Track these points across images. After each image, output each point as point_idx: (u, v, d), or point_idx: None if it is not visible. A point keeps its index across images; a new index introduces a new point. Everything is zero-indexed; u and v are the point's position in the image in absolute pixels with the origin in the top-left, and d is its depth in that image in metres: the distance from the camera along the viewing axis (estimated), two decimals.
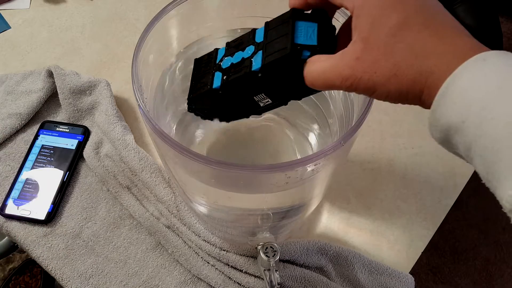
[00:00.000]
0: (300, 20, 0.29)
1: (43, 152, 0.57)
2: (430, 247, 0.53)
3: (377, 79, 0.24)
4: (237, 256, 0.49)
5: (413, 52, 0.23)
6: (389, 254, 0.52)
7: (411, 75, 0.23)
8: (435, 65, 0.22)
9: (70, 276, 0.50)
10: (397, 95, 0.24)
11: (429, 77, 0.22)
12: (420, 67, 0.23)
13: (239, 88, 0.31)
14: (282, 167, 0.30)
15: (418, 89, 0.23)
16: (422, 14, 0.23)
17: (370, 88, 0.24)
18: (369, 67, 0.24)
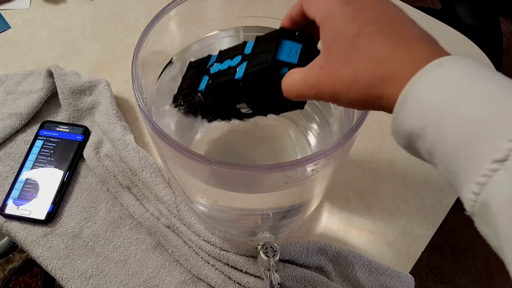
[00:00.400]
0: (287, 39, 0.30)
1: (43, 152, 0.57)
2: (430, 247, 0.53)
3: (339, 87, 0.25)
4: (237, 256, 0.49)
5: (370, 59, 0.24)
6: (389, 254, 0.52)
7: (369, 81, 0.23)
8: (392, 71, 0.23)
9: (70, 276, 0.50)
10: (359, 101, 0.24)
11: (387, 83, 0.23)
12: (377, 73, 0.23)
13: (221, 94, 0.33)
14: (282, 167, 0.30)
15: (377, 95, 0.23)
16: (379, 23, 0.24)
17: (333, 95, 0.25)
18: (331, 75, 0.25)
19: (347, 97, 0.25)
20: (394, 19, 0.24)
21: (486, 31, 0.99)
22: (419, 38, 0.23)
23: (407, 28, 0.24)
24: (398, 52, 0.23)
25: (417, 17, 0.25)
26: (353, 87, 0.24)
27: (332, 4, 0.26)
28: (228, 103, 0.33)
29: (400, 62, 0.23)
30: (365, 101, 0.24)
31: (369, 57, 0.24)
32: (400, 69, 0.23)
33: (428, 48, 0.23)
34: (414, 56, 0.23)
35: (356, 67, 0.24)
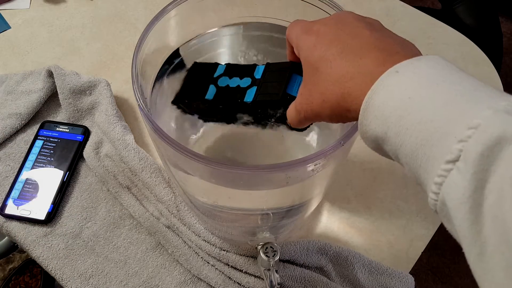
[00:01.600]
0: (296, 74, 0.33)
1: (43, 152, 0.57)
2: (430, 247, 0.53)
3: (315, 108, 0.27)
4: (237, 256, 0.49)
5: (332, 80, 0.26)
6: (389, 254, 0.52)
7: (335, 99, 0.26)
8: (351, 86, 0.25)
9: (70, 276, 0.50)
10: (333, 116, 0.27)
11: (349, 98, 0.25)
12: (339, 91, 0.25)
13: (227, 107, 0.35)
14: (282, 167, 0.30)
15: (345, 109, 0.25)
16: (336, 45, 0.26)
17: (315, 116, 0.28)
18: (308, 99, 0.28)
19: (324, 115, 0.27)
20: (350, 37, 0.26)
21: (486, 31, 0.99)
22: (373, 50, 0.25)
23: (361, 41, 0.26)
24: (354, 68, 0.25)
25: (417, 17, 0.25)
26: (325, 105, 0.26)
27: (298, 38, 0.29)
28: (232, 112, 0.35)
29: (356, 77, 0.25)
30: (338, 116, 0.26)
31: (331, 78, 0.26)
32: (358, 83, 0.24)
33: (382, 58, 0.24)
34: (367, 69, 0.24)
35: (322, 89, 0.26)
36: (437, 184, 0.20)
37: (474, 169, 0.18)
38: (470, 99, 0.20)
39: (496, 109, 0.19)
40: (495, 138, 0.18)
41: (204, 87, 0.36)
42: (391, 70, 0.23)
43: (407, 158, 0.22)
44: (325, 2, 0.38)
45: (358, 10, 0.82)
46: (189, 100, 0.37)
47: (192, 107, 0.37)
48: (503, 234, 0.17)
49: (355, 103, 0.24)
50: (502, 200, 0.17)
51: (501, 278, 0.17)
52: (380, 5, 0.74)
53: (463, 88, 0.21)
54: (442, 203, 0.20)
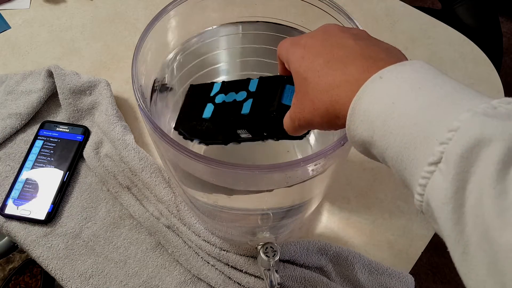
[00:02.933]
0: (289, 84, 0.34)
1: (43, 152, 0.57)
2: (430, 247, 0.53)
3: (306, 116, 0.28)
4: (237, 256, 0.49)
5: (320, 89, 0.26)
6: (389, 254, 0.52)
7: (324, 107, 0.26)
8: (338, 94, 0.25)
9: (70, 276, 0.50)
10: (324, 124, 0.27)
11: (337, 105, 0.25)
12: (328, 99, 0.26)
13: (225, 122, 0.36)
14: (282, 167, 0.30)
15: (334, 116, 0.26)
16: (322, 56, 0.27)
17: (308, 123, 0.28)
18: (300, 108, 0.29)
19: (316, 122, 0.28)
20: (336, 47, 0.27)
21: (486, 31, 0.99)
22: (358, 58, 0.26)
23: (346, 51, 0.27)
24: (339, 77, 0.26)
25: (417, 17, 0.25)
26: (316, 113, 0.27)
27: (288, 51, 0.30)
28: (230, 129, 0.36)
29: (342, 84, 0.25)
30: (328, 123, 0.27)
31: (319, 87, 0.26)
32: (344, 90, 0.25)
33: (366, 65, 0.25)
34: (351, 77, 0.25)
35: (312, 98, 0.27)
36: (421, 185, 0.20)
37: (455, 170, 0.18)
38: (451, 101, 0.21)
39: (475, 111, 0.19)
40: (473, 140, 0.18)
41: (201, 107, 0.37)
42: (375, 76, 0.24)
43: (392, 161, 0.22)
44: (325, 2, 0.38)
45: (358, 10, 0.82)
46: (188, 121, 0.38)
47: (192, 130, 0.38)
48: (483, 233, 0.17)
49: (343, 109, 0.25)
50: (482, 200, 0.17)
51: (484, 275, 0.17)
52: (380, 5, 0.74)
53: (444, 91, 0.21)
54: (427, 204, 0.20)
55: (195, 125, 0.37)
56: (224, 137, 0.38)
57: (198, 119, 0.37)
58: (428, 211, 0.21)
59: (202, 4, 0.42)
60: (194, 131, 0.38)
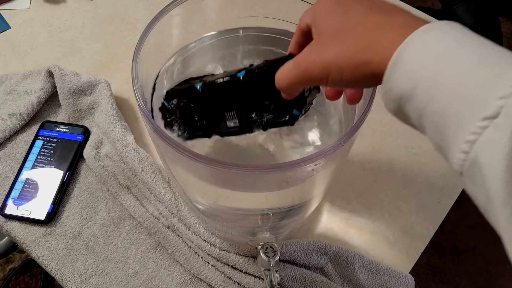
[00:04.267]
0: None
1: (43, 152, 0.57)
2: (430, 247, 0.53)
3: (330, 57, 0.25)
4: (237, 256, 0.49)
5: (359, 28, 0.25)
6: (389, 254, 0.52)
7: (359, 46, 0.24)
8: (381, 35, 0.23)
9: (70, 276, 0.50)
10: (349, 69, 0.24)
11: (376, 46, 0.23)
12: (366, 38, 0.24)
13: (218, 93, 0.34)
14: (282, 167, 0.30)
15: (366, 60, 0.24)
16: (363, 4, 0.26)
17: (324, 68, 0.25)
18: (320, 48, 0.26)
19: (338, 66, 0.25)
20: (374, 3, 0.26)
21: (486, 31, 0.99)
22: (404, 12, 0.25)
23: (390, 6, 0.25)
24: (387, 20, 0.24)
25: None
26: (343, 54, 0.25)
27: (314, 7, 0.29)
28: (219, 109, 0.35)
29: (389, 27, 0.24)
30: (355, 68, 0.24)
31: (358, 26, 0.25)
32: (390, 32, 0.23)
33: (415, 18, 0.24)
34: (403, 22, 0.23)
35: (345, 36, 0.25)
36: (469, 142, 0.19)
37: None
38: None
39: None
40: None
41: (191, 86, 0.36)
42: (427, 26, 0.22)
43: (434, 117, 0.21)
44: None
45: None
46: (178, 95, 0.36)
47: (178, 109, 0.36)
48: None
49: (382, 53, 0.23)
50: None
51: None
52: None
53: (502, 50, 0.20)
54: (472, 163, 0.19)
55: (184, 99, 0.36)
56: (210, 126, 0.36)
57: (189, 90, 0.35)
58: (470, 171, 0.19)
59: (202, 4, 0.42)
60: (180, 113, 0.36)
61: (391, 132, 0.61)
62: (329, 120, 0.44)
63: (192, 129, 0.36)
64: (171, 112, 0.37)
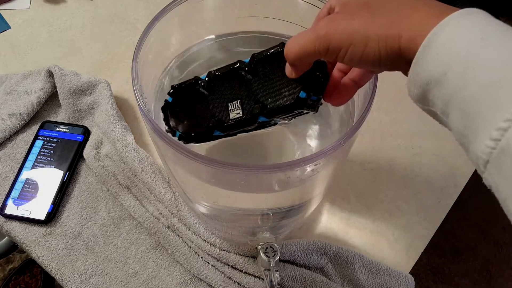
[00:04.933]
0: None
1: (43, 152, 0.57)
2: (430, 247, 0.53)
3: (356, 26, 0.24)
4: (237, 256, 0.49)
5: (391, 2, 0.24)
6: (389, 254, 0.52)
7: (389, 17, 0.23)
8: (414, 10, 0.23)
9: (70, 276, 0.50)
10: (376, 41, 0.23)
11: (407, 20, 0.22)
12: (398, 11, 0.23)
13: (223, 82, 0.33)
14: (282, 167, 0.30)
15: (396, 34, 0.23)
16: None
17: (347, 37, 0.24)
18: (346, 17, 0.24)
19: (362, 36, 0.23)
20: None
21: None
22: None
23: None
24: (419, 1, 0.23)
25: None
26: (372, 24, 0.23)
27: None
28: (224, 98, 0.34)
29: (421, 6, 0.23)
30: (382, 41, 0.23)
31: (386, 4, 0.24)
32: (422, 11, 0.22)
33: (447, 6, 0.23)
34: (435, 4, 0.23)
35: (375, 8, 0.24)
36: (501, 129, 0.18)
37: None
38: None
39: None
40: None
41: (195, 79, 0.35)
42: (462, 11, 0.21)
43: (463, 103, 0.20)
44: (325, 2, 0.38)
45: None
46: (181, 89, 0.36)
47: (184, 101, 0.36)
48: None
49: (410, 30, 0.22)
50: None
51: None
52: None
53: None
54: (502, 152, 0.18)
55: (188, 94, 0.35)
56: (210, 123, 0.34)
57: (194, 83, 0.35)
58: (500, 160, 0.19)
59: (202, 4, 0.42)
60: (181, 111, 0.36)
61: (391, 132, 0.61)
62: (329, 120, 0.44)
63: (194, 127, 0.35)
64: (173, 111, 0.36)
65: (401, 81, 0.30)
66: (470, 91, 0.20)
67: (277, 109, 0.31)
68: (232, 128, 0.34)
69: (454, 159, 0.59)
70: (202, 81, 0.35)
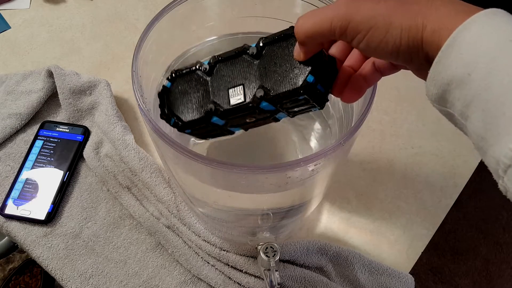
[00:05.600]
0: None
1: (43, 152, 0.57)
2: (430, 247, 0.53)
3: (380, 9, 0.23)
4: (237, 256, 0.49)
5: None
6: (389, 254, 0.52)
7: (416, 7, 0.22)
8: (442, 5, 0.22)
9: (70, 276, 0.50)
10: (399, 28, 0.22)
11: (437, 13, 0.22)
12: (426, 2, 0.22)
13: (227, 65, 0.31)
14: (282, 167, 0.30)
15: (423, 23, 0.22)
16: None
17: (369, 18, 0.23)
18: (358, 3, 0.23)
19: (386, 21, 0.22)
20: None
21: None
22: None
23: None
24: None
25: None
26: (398, 10, 0.22)
27: None
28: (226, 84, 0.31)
29: (453, 2, 0.22)
30: (405, 29, 0.22)
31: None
32: (450, 6, 0.22)
33: (473, 6, 0.22)
34: (465, 4, 0.22)
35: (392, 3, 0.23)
36: None
37: None
38: None
39: None
40: None
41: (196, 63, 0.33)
42: (488, 10, 0.21)
43: (487, 106, 0.20)
44: (325, 3, 0.38)
45: None
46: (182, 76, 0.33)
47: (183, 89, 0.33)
48: None
49: (436, 22, 0.21)
50: None
51: None
52: None
53: None
54: None
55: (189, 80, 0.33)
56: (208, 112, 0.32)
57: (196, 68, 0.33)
58: None
59: (202, 3, 0.42)
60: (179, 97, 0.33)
61: (391, 132, 0.61)
62: (329, 120, 0.44)
63: (191, 114, 0.33)
64: (171, 97, 0.34)
65: (401, 81, 0.30)
66: (495, 93, 0.19)
67: (282, 94, 0.29)
68: (232, 114, 0.31)
69: (454, 159, 0.59)
70: (204, 66, 0.33)
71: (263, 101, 0.29)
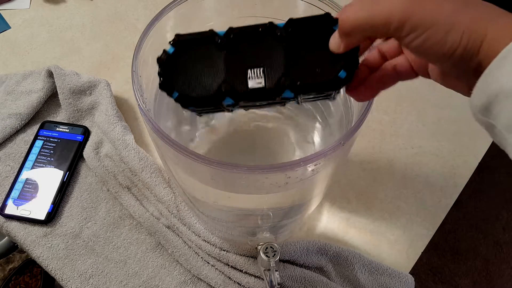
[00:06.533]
0: None
1: (43, 152, 0.57)
2: (430, 247, 0.53)
3: (444, 9, 0.22)
4: (237, 256, 0.49)
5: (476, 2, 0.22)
6: (389, 254, 0.52)
7: (476, 12, 0.21)
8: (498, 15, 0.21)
9: (70, 276, 0.50)
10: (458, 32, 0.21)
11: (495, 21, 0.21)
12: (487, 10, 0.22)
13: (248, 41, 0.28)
14: (282, 167, 0.30)
15: (484, 30, 0.21)
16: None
17: (430, 19, 0.22)
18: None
19: (447, 23, 0.21)
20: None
21: None
22: None
23: None
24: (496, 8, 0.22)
25: None
26: (461, 13, 0.21)
27: None
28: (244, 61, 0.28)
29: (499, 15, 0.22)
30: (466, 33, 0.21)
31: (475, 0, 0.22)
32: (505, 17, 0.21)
33: None
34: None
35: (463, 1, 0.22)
36: None
37: None
38: None
39: None
40: None
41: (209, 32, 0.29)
42: None
43: None
44: (325, 2, 0.38)
45: None
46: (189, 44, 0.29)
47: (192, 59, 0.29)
48: None
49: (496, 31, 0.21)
50: None
51: None
52: None
53: None
54: None
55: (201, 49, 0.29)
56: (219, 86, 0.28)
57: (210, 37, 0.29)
58: None
59: (202, 3, 0.42)
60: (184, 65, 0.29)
61: (391, 132, 0.61)
62: (329, 120, 0.44)
63: (198, 90, 0.29)
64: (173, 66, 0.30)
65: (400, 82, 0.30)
66: None
67: (309, 86, 0.27)
68: (248, 98, 0.28)
69: (454, 159, 0.59)
70: (218, 37, 0.29)
71: (287, 89, 0.27)
